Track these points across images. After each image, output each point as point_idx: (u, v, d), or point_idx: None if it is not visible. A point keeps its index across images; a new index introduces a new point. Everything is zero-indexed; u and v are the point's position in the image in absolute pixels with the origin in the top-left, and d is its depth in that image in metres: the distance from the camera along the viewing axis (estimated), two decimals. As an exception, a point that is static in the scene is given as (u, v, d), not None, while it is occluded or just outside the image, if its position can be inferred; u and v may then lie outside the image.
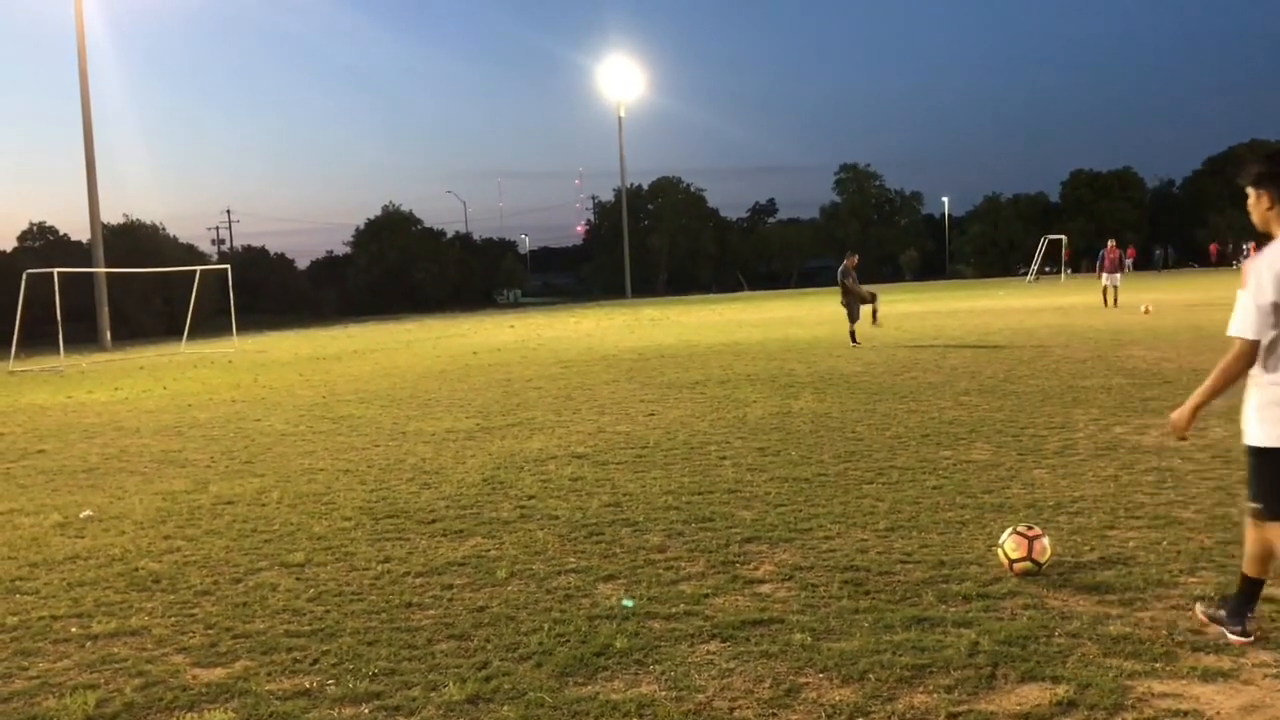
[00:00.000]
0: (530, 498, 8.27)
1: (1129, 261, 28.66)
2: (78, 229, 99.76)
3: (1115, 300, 28.85)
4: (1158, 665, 4.31)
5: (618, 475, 8.98)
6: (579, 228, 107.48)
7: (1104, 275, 29.88)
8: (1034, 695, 4.10)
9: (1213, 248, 75.13)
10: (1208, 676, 4.19)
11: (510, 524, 7.43)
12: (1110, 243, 30.76)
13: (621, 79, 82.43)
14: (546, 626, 5.18)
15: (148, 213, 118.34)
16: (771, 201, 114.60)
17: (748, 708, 4.14)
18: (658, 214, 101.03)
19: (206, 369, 26.07)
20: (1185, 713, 3.88)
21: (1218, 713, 3.87)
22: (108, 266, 44.95)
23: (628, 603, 5.22)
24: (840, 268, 21.85)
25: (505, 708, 4.25)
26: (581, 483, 8.74)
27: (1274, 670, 4.21)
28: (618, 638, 4.94)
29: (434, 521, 7.65)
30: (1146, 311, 25.33)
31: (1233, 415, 10.32)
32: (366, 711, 4.31)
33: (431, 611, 5.57)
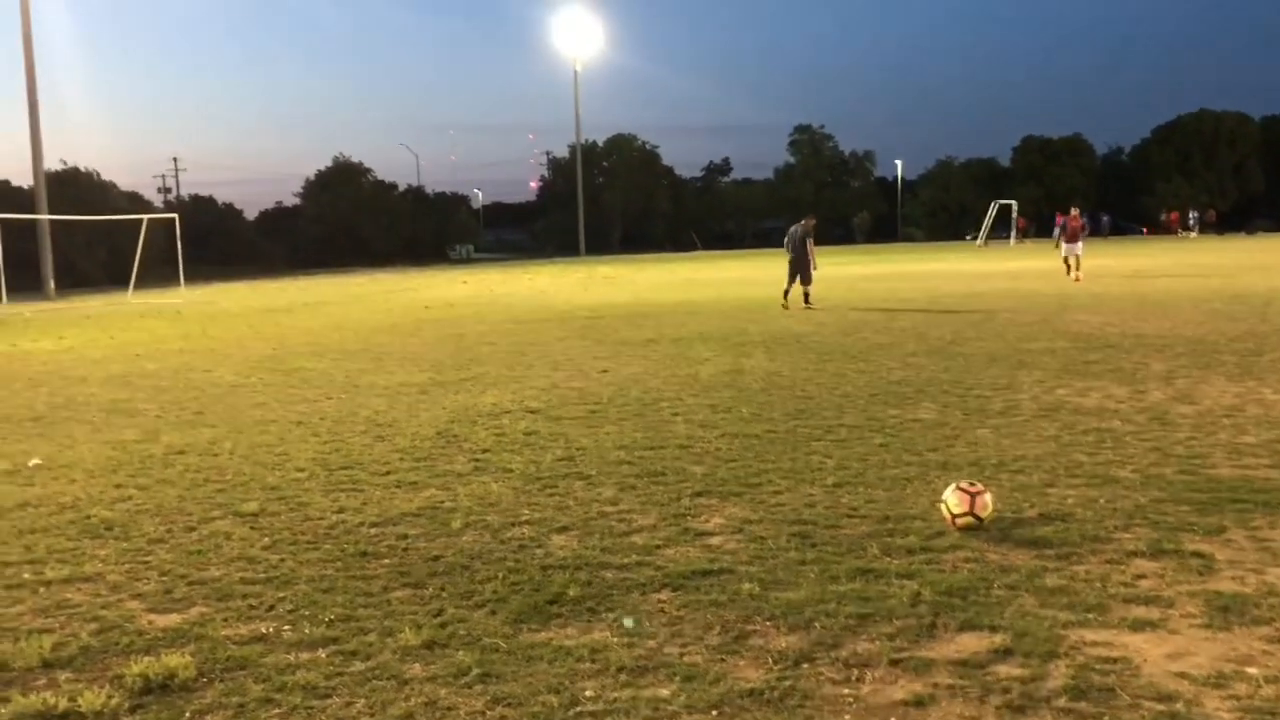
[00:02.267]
0: (484, 451, 8.33)
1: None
2: (20, 175, 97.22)
3: (1078, 268, 28.30)
4: (1090, 616, 4.49)
5: (571, 430, 9.06)
6: (532, 184, 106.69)
7: (1064, 244, 29.26)
8: (972, 643, 4.26)
9: (1173, 216, 75.37)
10: (1137, 626, 4.37)
11: (464, 476, 7.50)
12: (1073, 211, 30.08)
13: (578, 33, 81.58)
14: (501, 575, 5.27)
15: (91, 161, 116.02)
16: (726, 160, 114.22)
17: (697, 653, 4.27)
18: (612, 171, 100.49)
19: (154, 319, 25.73)
20: (1115, 660, 4.06)
21: (1145, 660, 4.05)
22: (51, 214, 44.01)
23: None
24: (798, 230, 21.21)
25: (460, 653, 4.34)
26: (535, 437, 8.81)
27: (1199, 621, 4.40)
28: (571, 587, 5.04)
29: (388, 473, 7.69)
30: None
31: (1170, 379, 10.60)
32: (324, 656, 4.38)
33: (387, 560, 5.64)
